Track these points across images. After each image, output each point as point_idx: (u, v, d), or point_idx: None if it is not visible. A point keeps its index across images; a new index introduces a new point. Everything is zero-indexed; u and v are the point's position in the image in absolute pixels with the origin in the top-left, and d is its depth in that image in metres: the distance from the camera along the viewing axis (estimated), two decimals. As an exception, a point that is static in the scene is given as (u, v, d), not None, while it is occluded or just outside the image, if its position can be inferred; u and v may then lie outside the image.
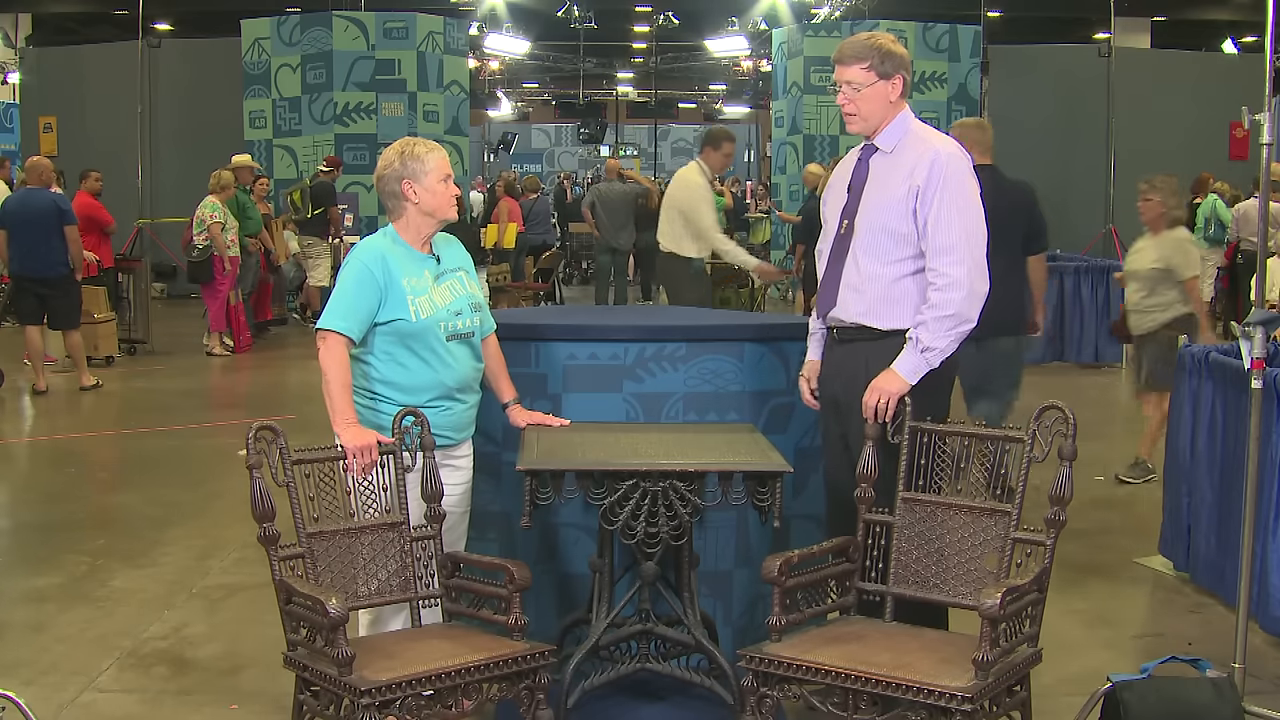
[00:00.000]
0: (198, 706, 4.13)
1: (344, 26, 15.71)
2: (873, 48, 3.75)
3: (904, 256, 3.69)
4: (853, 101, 3.76)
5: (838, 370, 3.82)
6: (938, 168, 3.65)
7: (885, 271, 3.70)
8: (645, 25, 25.88)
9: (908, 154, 3.72)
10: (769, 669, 3.21)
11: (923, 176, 3.65)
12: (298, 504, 3.37)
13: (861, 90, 3.74)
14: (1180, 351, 5.51)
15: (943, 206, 3.63)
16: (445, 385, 3.68)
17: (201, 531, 6.16)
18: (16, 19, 21.94)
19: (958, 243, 3.62)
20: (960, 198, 3.66)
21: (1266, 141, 3.88)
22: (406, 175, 3.67)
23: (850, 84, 3.75)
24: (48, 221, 9.81)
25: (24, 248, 9.75)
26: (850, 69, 3.76)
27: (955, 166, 3.68)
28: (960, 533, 3.49)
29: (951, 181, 3.65)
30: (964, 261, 3.62)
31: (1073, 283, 11.47)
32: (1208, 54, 21.05)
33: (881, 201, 3.72)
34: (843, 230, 3.82)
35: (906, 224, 3.67)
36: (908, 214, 3.67)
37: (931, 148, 3.70)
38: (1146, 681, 3.65)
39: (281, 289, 14.01)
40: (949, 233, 3.62)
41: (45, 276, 9.86)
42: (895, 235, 3.69)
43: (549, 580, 4.13)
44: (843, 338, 3.81)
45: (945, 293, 3.61)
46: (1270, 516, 4.56)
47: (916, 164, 3.67)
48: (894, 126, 3.78)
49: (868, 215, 3.75)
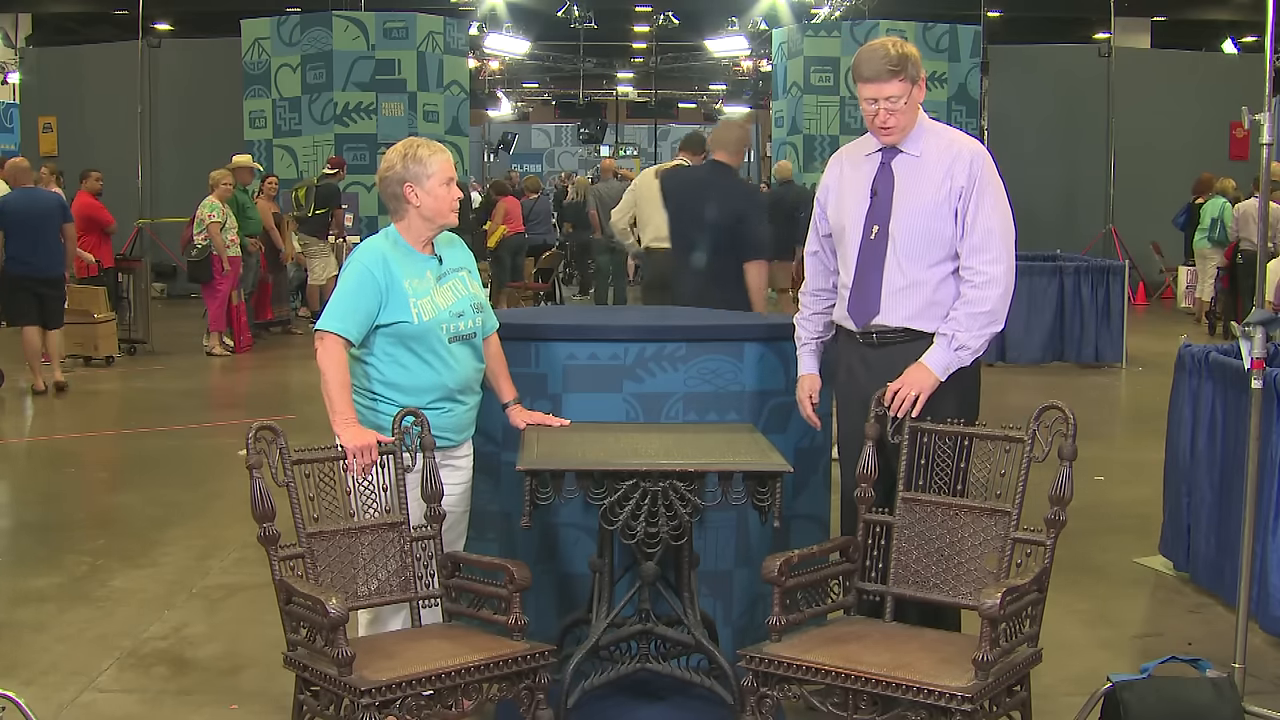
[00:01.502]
0: (198, 706, 4.13)
1: (344, 26, 15.71)
2: (898, 58, 3.68)
3: (944, 258, 3.69)
4: (894, 114, 3.70)
5: (881, 374, 3.73)
6: (976, 167, 3.66)
7: (930, 275, 3.69)
8: (645, 25, 25.87)
9: (937, 155, 3.71)
10: (769, 669, 3.21)
11: (964, 177, 3.65)
12: (298, 504, 3.38)
13: (900, 102, 3.69)
14: (1180, 351, 5.50)
15: (982, 205, 3.64)
16: (446, 387, 3.67)
17: (201, 531, 6.16)
18: (16, 19, 21.95)
19: (995, 241, 3.63)
20: (996, 196, 3.67)
21: (1266, 141, 3.88)
22: (408, 178, 3.65)
23: (891, 99, 3.68)
24: (53, 221, 9.89)
25: (28, 247, 9.75)
26: (889, 85, 3.68)
27: (989, 165, 3.70)
28: (960, 533, 3.49)
29: (990, 181, 3.67)
30: (1001, 260, 3.63)
31: (1073, 283, 11.46)
32: (1208, 54, 21.06)
33: (919, 206, 3.69)
34: (873, 236, 3.76)
35: (949, 226, 3.67)
36: (950, 215, 3.66)
37: (964, 148, 3.71)
38: (1146, 681, 3.65)
39: (283, 289, 14.01)
40: (987, 232, 3.63)
41: (48, 276, 9.89)
42: (938, 238, 3.68)
43: (549, 580, 4.13)
44: (883, 341, 3.77)
45: (982, 290, 3.61)
46: (1270, 516, 4.56)
47: (954, 165, 3.67)
48: (915, 129, 3.77)
49: (906, 220, 3.71)
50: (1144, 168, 17.36)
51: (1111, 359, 11.43)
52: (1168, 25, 22.50)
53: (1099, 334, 11.46)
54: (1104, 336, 11.46)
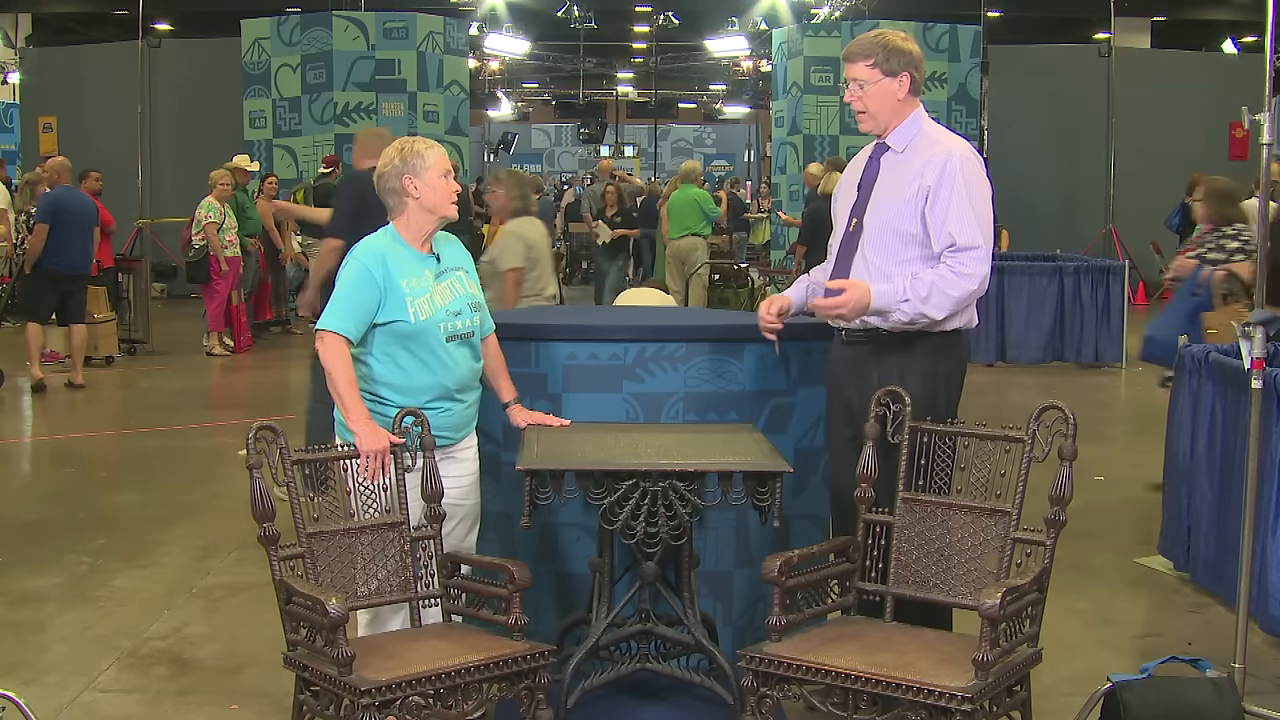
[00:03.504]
0: (198, 706, 4.13)
1: (344, 26, 15.70)
2: (878, 44, 3.74)
3: (913, 257, 3.68)
4: (860, 99, 3.76)
5: (849, 373, 3.79)
6: (949, 168, 3.63)
7: (895, 271, 3.68)
8: (645, 25, 25.88)
9: (920, 154, 3.71)
10: (769, 669, 3.21)
11: (933, 177, 3.63)
12: (298, 504, 3.38)
13: (866, 87, 3.74)
14: (1180, 351, 5.49)
15: (960, 205, 3.61)
16: (444, 386, 3.67)
17: (201, 531, 6.16)
18: (16, 19, 21.95)
19: (981, 242, 3.61)
20: (976, 197, 3.64)
21: (1266, 141, 3.88)
22: (407, 171, 3.66)
23: (856, 80, 3.76)
24: (92, 220, 10.28)
25: (66, 243, 9.93)
26: (856, 66, 3.76)
27: (968, 166, 3.66)
28: (960, 533, 3.49)
29: (965, 181, 3.63)
30: (986, 262, 3.62)
31: (1073, 283, 11.47)
32: (1208, 54, 21.08)
33: (891, 201, 3.71)
34: (851, 228, 3.81)
35: (915, 225, 3.66)
36: (916, 215, 3.65)
37: (943, 148, 3.69)
38: (1146, 681, 3.65)
39: (283, 289, 14.01)
40: (972, 232, 3.60)
41: (78, 273, 10.15)
42: (904, 235, 3.68)
43: (549, 580, 4.13)
44: (852, 339, 3.78)
45: (960, 279, 3.60)
46: (1270, 516, 4.56)
47: (927, 164, 3.66)
48: (906, 126, 3.77)
49: (877, 214, 3.74)
50: (1144, 168, 17.35)
51: (1111, 359, 11.43)
52: (1168, 25, 22.50)
53: (1099, 334, 11.46)
54: (1104, 336, 11.46)
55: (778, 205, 17.43)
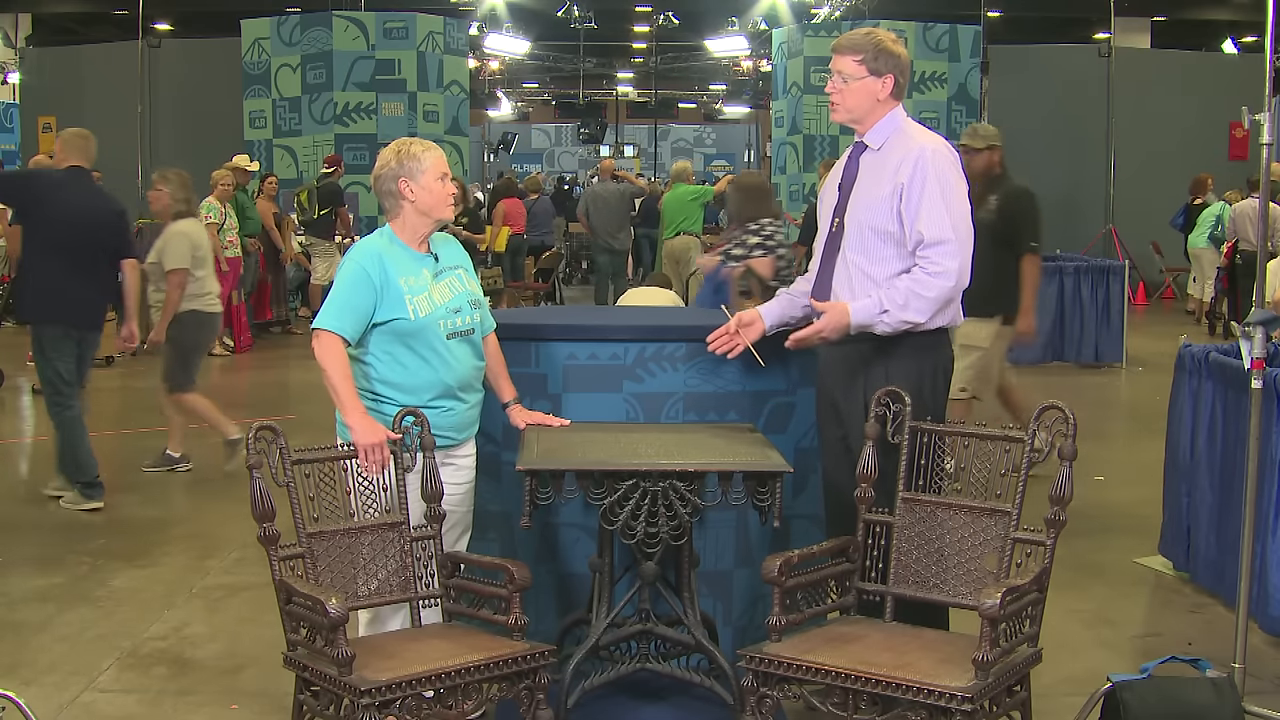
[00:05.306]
0: (198, 706, 4.13)
1: (344, 26, 15.70)
2: (869, 43, 3.75)
3: (892, 255, 3.68)
4: (839, 92, 3.79)
5: (835, 373, 3.81)
6: (921, 165, 3.63)
7: (876, 270, 3.69)
8: (645, 25, 25.88)
9: (895, 152, 3.71)
10: (769, 669, 3.21)
11: (907, 174, 3.64)
12: (298, 504, 3.38)
13: (849, 83, 3.76)
14: (1180, 351, 5.49)
15: (931, 201, 3.60)
16: (446, 384, 3.67)
17: (201, 531, 6.16)
18: (16, 19, 21.94)
19: (950, 236, 3.60)
20: (948, 192, 3.63)
21: (1266, 141, 3.88)
22: (403, 174, 3.67)
23: (840, 74, 3.78)
24: None
25: None
26: (844, 59, 3.77)
27: (940, 162, 3.66)
28: (960, 533, 3.49)
29: (937, 176, 3.62)
30: (957, 256, 3.61)
31: (1073, 283, 11.46)
32: (1208, 54, 21.06)
33: (869, 200, 3.72)
34: (833, 228, 3.82)
35: (892, 223, 3.66)
36: (892, 213, 3.65)
37: (916, 144, 3.69)
38: (1146, 681, 3.65)
39: (282, 289, 14.00)
40: (940, 227, 3.59)
41: None
42: (882, 234, 3.68)
43: (549, 580, 4.13)
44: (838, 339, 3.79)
45: (936, 278, 3.59)
46: (1270, 516, 4.56)
47: (902, 162, 3.66)
48: (883, 125, 3.77)
49: (856, 214, 3.75)
50: (1144, 168, 17.35)
51: (1111, 359, 11.43)
52: (1168, 25, 22.50)
53: (1099, 334, 11.46)
54: (1104, 336, 11.46)
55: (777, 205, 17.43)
